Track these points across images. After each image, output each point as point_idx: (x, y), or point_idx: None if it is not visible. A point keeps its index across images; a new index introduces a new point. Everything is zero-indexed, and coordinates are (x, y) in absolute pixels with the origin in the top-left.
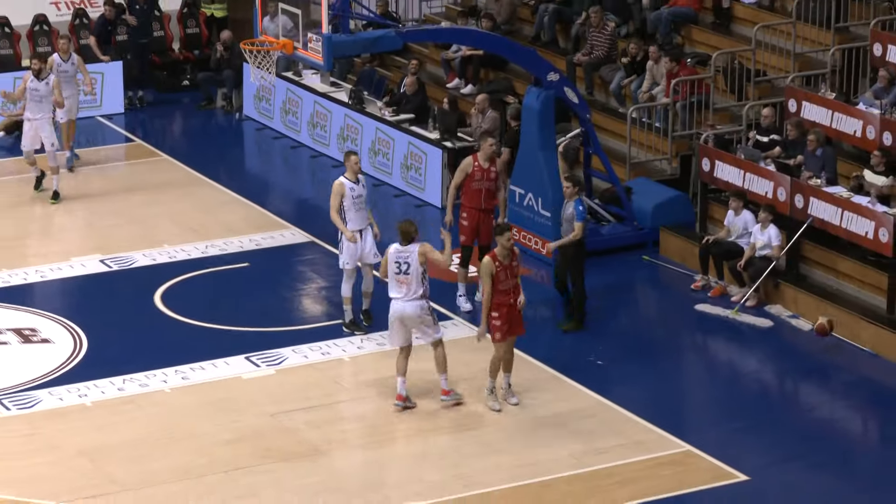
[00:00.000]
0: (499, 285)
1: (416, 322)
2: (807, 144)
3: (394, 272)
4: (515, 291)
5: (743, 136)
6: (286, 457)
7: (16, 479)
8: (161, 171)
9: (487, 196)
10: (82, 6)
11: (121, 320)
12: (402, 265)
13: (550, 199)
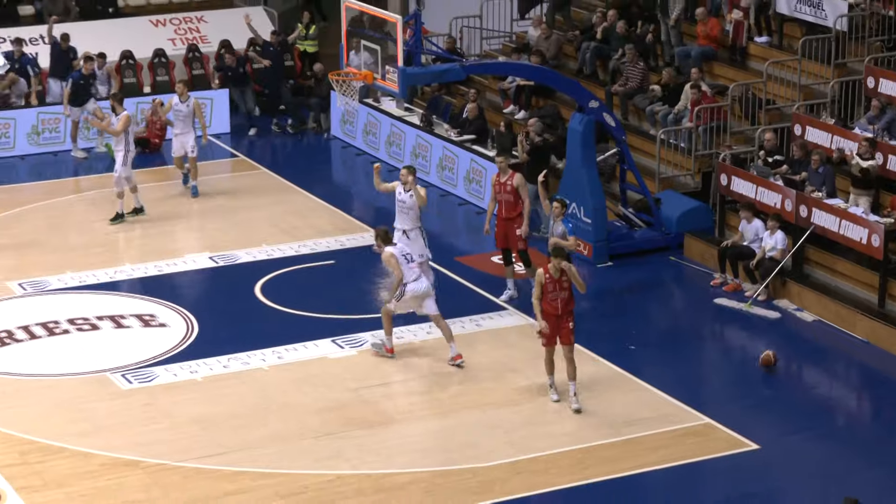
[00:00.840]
0: (547, 295)
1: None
2: (811, 163)
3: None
4: (563, 304)
5: (755, 156)
6: (366, 425)
7: (137, 442)
8: (260, 182)
9: (507, 206)
10: (195, 42)
11: (226, 308)
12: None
13: (591, 208)
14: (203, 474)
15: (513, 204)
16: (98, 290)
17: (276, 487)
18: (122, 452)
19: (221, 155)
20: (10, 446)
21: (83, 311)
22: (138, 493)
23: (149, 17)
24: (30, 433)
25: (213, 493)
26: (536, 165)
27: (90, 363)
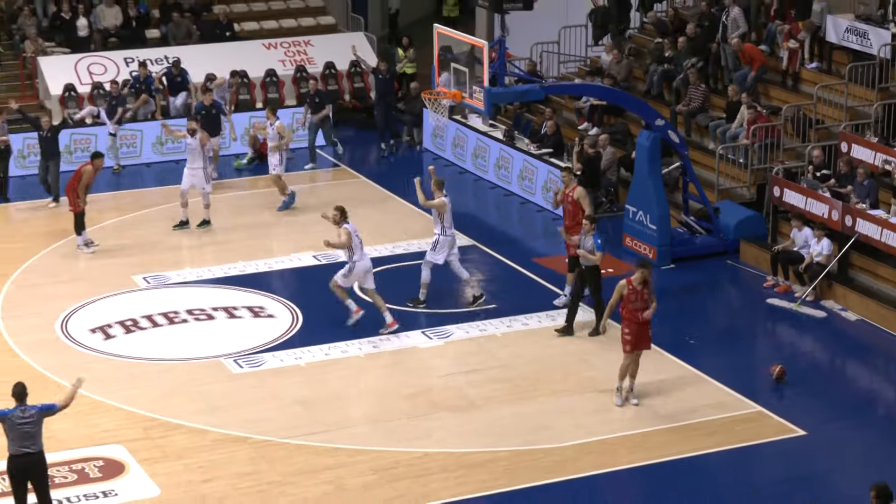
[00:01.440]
0: (629, 304)
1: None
2: (856, 177)
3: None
4: (644, 312)
5: (805, 170)
6: (451, 409)
7: (246, 420)
8: (359, 189)
9: (567, 216)
10: (302, 63)
11: (328, 302)
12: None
13: (656, 216)
14: (305, 450)
15: (572, 213)
16: (214, 285)
17: (369, 463)
18: (233, 429)
19: (324, 164)
20: (135, 422)
21: (200, 303)
22: (247, 466)
23: (261, 41)
24: (152, 411)
25: (314, 467)
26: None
27: (206, 349)
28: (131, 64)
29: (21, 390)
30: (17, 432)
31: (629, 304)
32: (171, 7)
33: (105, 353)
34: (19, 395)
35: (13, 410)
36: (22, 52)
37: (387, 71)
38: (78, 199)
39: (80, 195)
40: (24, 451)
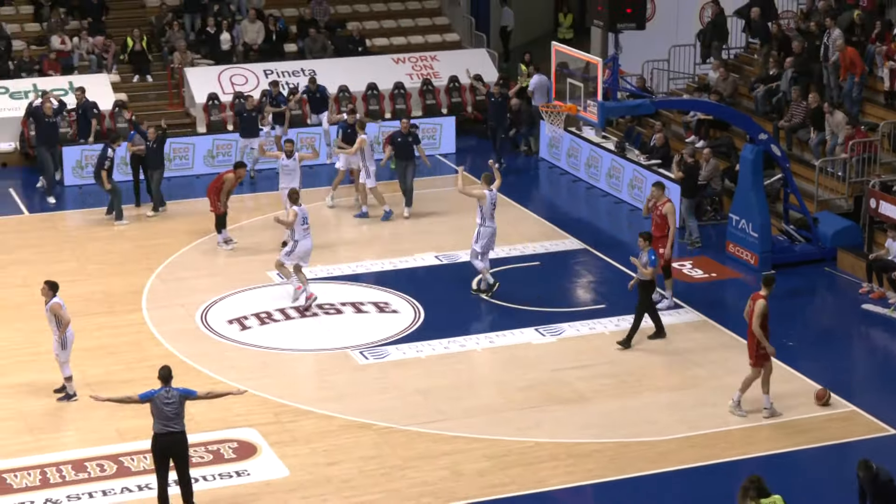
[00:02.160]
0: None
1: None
2: None
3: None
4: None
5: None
6: (561, 401)
7: (370, 409)
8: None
9: (655, 227)
10: (429, 77)
11: (448, 299)
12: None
13: (758, 224)
14: (424, 437)
15: (660, 226)
16: (342, 281)
17: (484, 450)
18: (358, 416)
19: (447, 171)
20: (267, 408)
21: (329, 298)
22: (370, 451)
23: (391, 56)
24: (283, 398)
25: (433, 453)
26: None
27: (334, 341)
28: (270, 75)
29: (167, 373)
30: (162, 412)
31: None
32: (308, 23)
33: (241, 342)
34: (165, 378)
35: (159, 391)
36: (170, 63)
37: (499, 94)
38: (219, 202)
39: (222, 199)
40: (168, 429)
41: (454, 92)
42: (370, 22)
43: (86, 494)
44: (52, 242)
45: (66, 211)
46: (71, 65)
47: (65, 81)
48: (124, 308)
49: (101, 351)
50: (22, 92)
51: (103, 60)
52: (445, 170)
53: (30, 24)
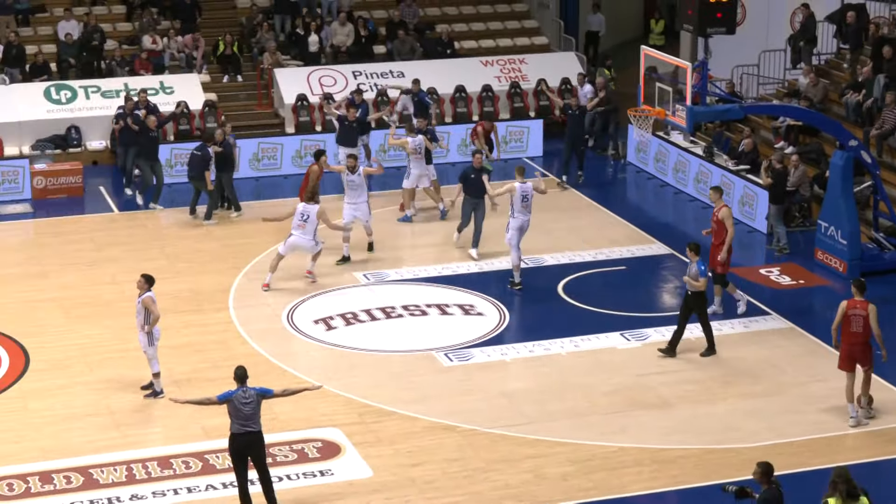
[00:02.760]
0: (848, 327)
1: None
2: None
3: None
4: (864, 333)
5: None
6: (646, 406)
7: (454, 411)
8: (566, 198)
9: (714, 234)
10: (516, 80)
11: (533, 302)
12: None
13: (847, 232)
14: (508, 440)
15: (718, 232)
16: (428, 283)
17: (568, 454)
18: (441, 418)
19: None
20: (352, 408)
21: (415, 299)
22: (454, 453)
23: (479, 58)
24: (367, 398)
25: (516, 456)
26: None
27: (419, 343)
28: (358, 77)
29: (242, 373)
30: (239, 412)
31: (848, 325)
32: (397, 25)
33: (326, 342)
34: (241, 378)
35: (236, 392)
36: (260, 63)
37: (577, 107)
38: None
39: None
40: (246, 429)
41: (542, 95)
42: (459, 24)
43: (171, 491)
44: (141, 240)
45: (155, 209)
46: (162, 64)
47: (155, 81)
48: (212, 306)
49: (188, 349)
50: (113, 91)
51: (193, 60)
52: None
53: (122, 24)
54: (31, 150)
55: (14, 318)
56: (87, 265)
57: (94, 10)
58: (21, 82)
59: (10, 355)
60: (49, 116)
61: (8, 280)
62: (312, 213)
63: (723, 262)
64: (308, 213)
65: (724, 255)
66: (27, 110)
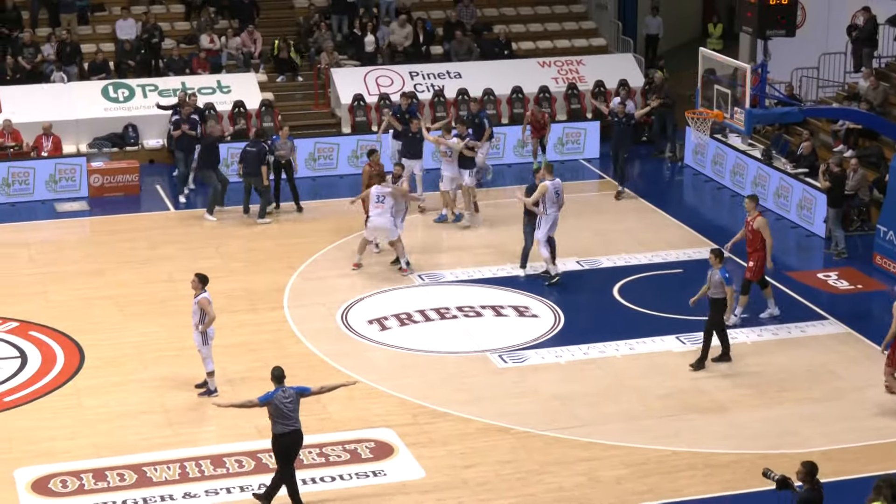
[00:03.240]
0: None
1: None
2: None
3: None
4: None
5: None
6: (700, 410)
7: (508, 412)
8: (622, 201)
9: (748, 243)
10: (574, 81)
11: (588, 304)
12: (380, 197)
13: None
14: (561, 442)
15: (752, 241)
16: (483, 284)
17: (621, 458)
18: (495, 420)
19: (591, 176)
20: (405, 409)
21: (469, 301)
22: (507, 455)
23: (537, 59)
24: (421, 399)
25: (569, 459)
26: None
27: (473, 344)
28: (415, 77)
29: (280, 373)
30: (281, 412)
31: None
32: (455, 26)
33: (380, 343)
34: (279, 378)
35: (276, 392)
36: (317, 63)
37: (624, 115)
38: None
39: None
40: (291, 428)
41: (599, 97)
42: (517, 25)
43: (224, 490)
44: (196, 239)
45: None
46: (219, 64)
47: (213, 80)
48: (266, 305)
49: (242, 348)
50: (170, 90)
51: (251, 59)
52: (589, 174)
53: (180, 23)
54: (88, 148)
55: (70, 315)
56: (143, 263)
57: (152, 9)
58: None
59: (65, 352)
60: (106, 115)
61: (64, 277)
62: (388, 194)
63: (754, 269)
64: (383, 194)
65: (770, 263)
66: (85, 108)
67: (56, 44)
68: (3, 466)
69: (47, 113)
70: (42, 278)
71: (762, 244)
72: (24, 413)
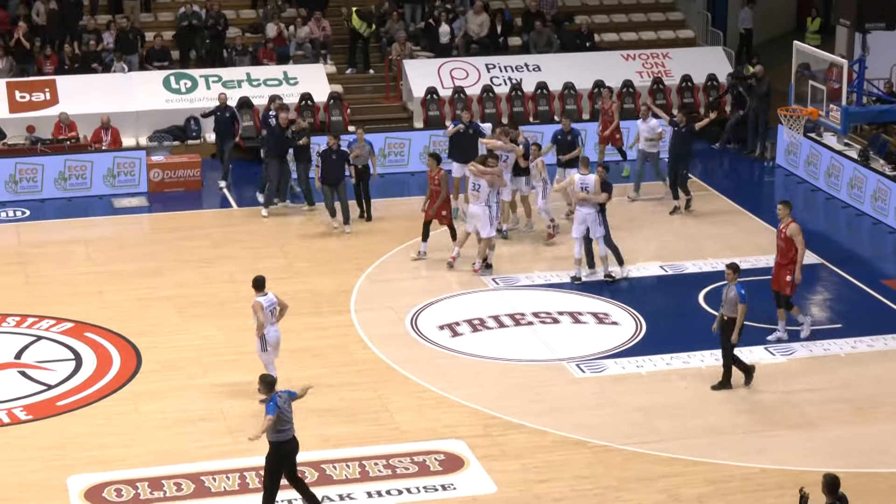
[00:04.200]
0: None
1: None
2: None
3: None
4: None
5: None
6: (789, 426)
7: (585, 425)
8: (709, 203)
9: (780, 252)
10: (659, 76)
11: (671, 312)
12: (475, 185)
13: None
14: (641, 457)
15: (784, 250)
16: (560, 289)
17: (705, 474)
18: (571, 433)
19: None
20: (476, 420)
21: (546, 306)
22: (584, 470)
23: (620, 52)
24: (493, 409)
25: (650, 475)
26: None
27: (549, 352)
28: (492, 70)
29: (272, 380)
30: (283, 420)
31: None
32: (534, 16)
33: (452, 349)
34: (272, 385)
35: (275, 399)
36: (388, 54)
37: (683, 121)
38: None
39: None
40: (290, 434)
41: (686, 92)
42: (599, 16)
43: (285, 501)
44: (260, 238)
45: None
46: (286, 54)
47: (279, 71)
48: (332, 309)
49: (307, 353)
50: (235, 81)
51: (322, 51)
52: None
53: (246, 11)
54: (148, 141)
55: (127, 316)
56: (204, 263)
57: None
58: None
59: (121, 355)
60: (168, 106)
61: (121, 277)
62: (483, 182)
63: (792, 283)
64: (478, 182)
65: (798, 274)
66: (145, 100)
67: (115, 32)
68: (56, 473)
69: (106, 104)
70: (98, 277)
71: (796, 253)
72: (78, 418)
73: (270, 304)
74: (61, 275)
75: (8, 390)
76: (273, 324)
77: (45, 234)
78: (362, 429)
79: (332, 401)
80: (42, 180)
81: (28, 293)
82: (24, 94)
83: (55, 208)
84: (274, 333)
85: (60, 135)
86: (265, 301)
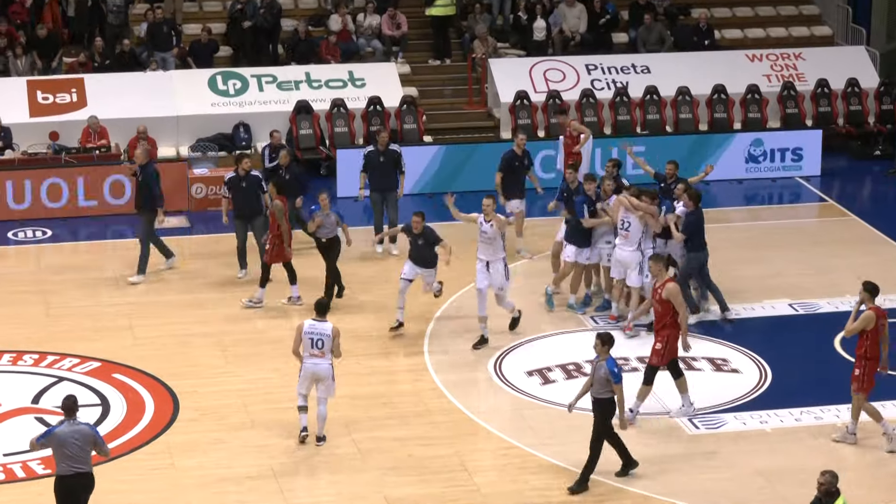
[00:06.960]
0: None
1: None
2: None
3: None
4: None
5: None
6: None
7: (697, 490)
8: (848, 229)
9: (658, 317)
10: (790, 80)
11: (802, 358)
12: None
13: None
14: None
15: (660, 314)
16: None
17: None
18: (681, 499)
19: (809, 198)
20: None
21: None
22: None
23: (745, 51)
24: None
25: None
26: None
27: (656, 404)
28: (593, 71)
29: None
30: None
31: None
32: (643, 8)
33: (542, 399)
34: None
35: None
36: (471, 52)
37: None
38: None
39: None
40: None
41: (822, 99)
42: (720, 9)
43: None
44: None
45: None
46: (353, 51)
47: (344, 71)
48: (402, 350)
49: (374, 401)
50: (292, 82)
51: (394, 48)
52: (807, 196)
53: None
54: (190, 151)
55: (162, 355)
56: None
57: None
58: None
59: (155, 401)
60: (213, 111)
61: (156, 309)
62: (634, 220)
63: (661, 352)
64: (627, 219)
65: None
66: (187, 103)
67: (150, 23)
68: None
69: (141, 107)
70: (129, 309)
71: (674, 318)
72: (104, 472)
73: (316, 332)
74: (87, 306)
75: (24, 440)
76: (316, 356)
77: (69, 259)
78: (437, 490)
79: (401, 457)
80: (66, 195)
81: (48, 327)
82: (46, 94)
83: (80, 228)
84: (310, 366)
85: (89, 143)
86: (307, 326)
